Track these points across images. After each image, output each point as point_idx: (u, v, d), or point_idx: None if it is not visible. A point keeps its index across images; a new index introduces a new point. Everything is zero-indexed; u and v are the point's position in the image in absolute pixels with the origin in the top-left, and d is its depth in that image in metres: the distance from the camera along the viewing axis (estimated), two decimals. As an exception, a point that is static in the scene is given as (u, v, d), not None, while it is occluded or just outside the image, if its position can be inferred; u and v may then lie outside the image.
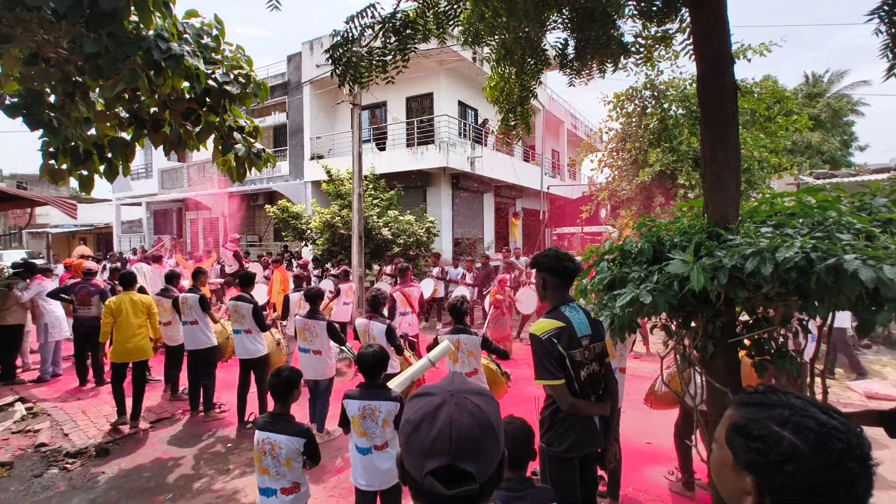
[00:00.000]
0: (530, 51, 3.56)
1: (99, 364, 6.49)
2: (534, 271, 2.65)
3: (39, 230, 25.10)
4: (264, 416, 2.72)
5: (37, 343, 6.93)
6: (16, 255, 16.98)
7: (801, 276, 1.76)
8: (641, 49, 3.75)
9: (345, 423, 2.83)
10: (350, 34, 3.04)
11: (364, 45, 3.21)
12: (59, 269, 9.20)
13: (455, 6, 3.23)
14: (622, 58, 3.65)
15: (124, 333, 5.11)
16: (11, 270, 6.94)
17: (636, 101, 9.66)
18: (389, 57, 3.20)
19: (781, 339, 2.23)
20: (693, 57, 2.71)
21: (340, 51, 3.10)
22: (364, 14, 2.96)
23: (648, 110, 9.54)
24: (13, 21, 4.02)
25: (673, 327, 2.40)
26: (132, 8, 3.90)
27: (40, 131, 4.33)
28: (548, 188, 19.10)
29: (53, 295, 6.51)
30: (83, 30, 3.85)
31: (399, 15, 3.15)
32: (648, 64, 4.23)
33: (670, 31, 3.43)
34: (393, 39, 3.16)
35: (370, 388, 2.79)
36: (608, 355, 2.39)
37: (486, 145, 15.46)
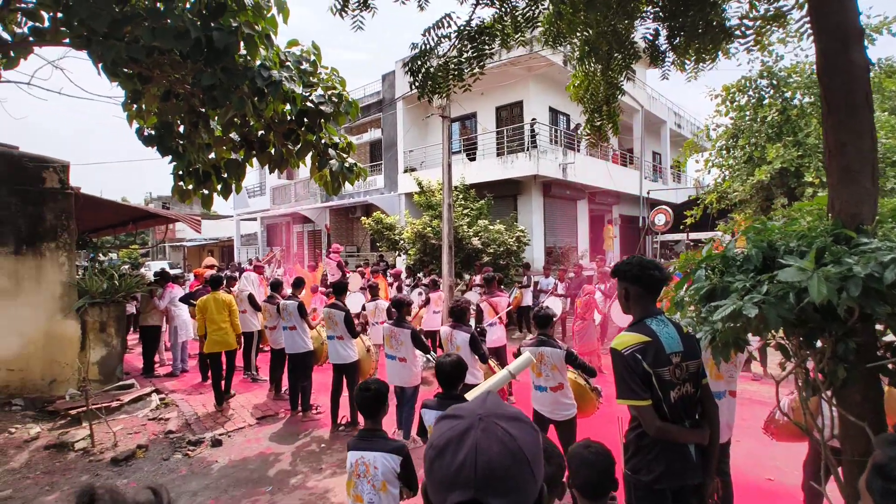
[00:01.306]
0: (617, 45, 3.33)
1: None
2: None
3: (178, 243, 29.09)
4: (355, 436, 2.57)
5: (169, 342, 7.96)
6: (159, 266, 19.83)
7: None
8: (749, 32, 3.33)
9: (422, 431, 2.81)
10: (427, 45, 3.09)
11: (442, 55, 3.24)
12: (191, 277, 10.51)
13: (533, 8, 3.14)
14: (725, 44, 3.27)
15: (211, 327, 6.01)
16: (154, 278, 8.09)
17: (750, 93, 8.67)
18: (465, 65, 3.18)
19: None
20: (810, 37, 2.34)
21: (419, 63, 3.16)
22: (440, 24, 3.00)
23: (766, 101, 8.52)
24: (151, 64, 4.69)
25: (791, 347, 2.05)
26: (241, 43, 4.36)
27: (169, 157, 4.98)
28: (648, 193, 17.87)
29: (184, 300, 7.48)
30: (202, 66, 4.37)
31: (474, 22, 3.13)
32: (759, 49, 3.75)
33: (784, 9, 3.00)
34: (468, 47, 3.15)
35: (447, 398, 2.75)
36: (705, 376, 2.10)
37: (578, 150, 14.91)
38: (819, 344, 2.00)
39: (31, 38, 4.51)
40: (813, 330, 1.94)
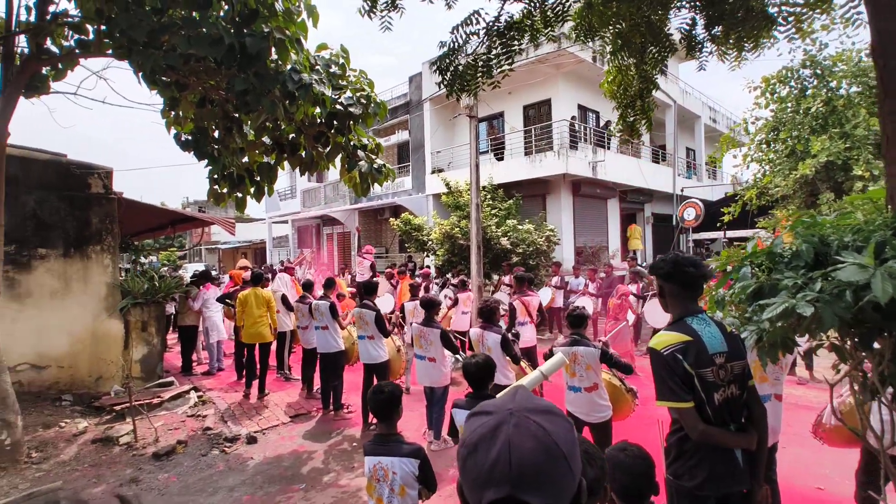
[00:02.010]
0: (652, 37, 3.22)
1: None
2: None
3: (213, 246, 30.06)
4: (371, 441, 2.54)
5: (205, 342, 8.21)
6: (194, 267, 20.58)
7: None
8: (790, 18, 3.17)
9: (454, 431, 2.79)
10: (455, 43, 3.06)
11: (470, 52, 3.21)
12: (226, 278, 10.81)
13: (563, 1, 3.07)
14: (766, 31, 3.12)
15: (249, 320, 6.43)
16: (190, 279, 8.35)
17: (792, 83, 8.28)
18: (494, 61, 3.14)
19: None
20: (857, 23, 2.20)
21: (447, 61, 3.14)
22: (469, 21, 2.97)
23: (809, 92, 8.11)
24: (188, 72, 4.84)
25: (846, 348, 1.92)
26: (272, 48, 4.44)
27: (205, 161, 5.12)
28: (681, 190, 17.36)
29: (220, 300, 7.68)
30: (236, 72, 4.48)
31: (503, 18, 3.09)
32: (801, 36, 3.56)
33: (829, -7, 2.84)
34: (497, 43, 3.11)
35: (478, 398, 2.72)
36: (751, 377, 1.99)
37: (608, 148, 14.61)
38: (877, 345, 1.87)
39: (77, 50, 4.73)
40: (871, 330, 1.82)
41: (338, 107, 5.06)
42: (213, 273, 12.30)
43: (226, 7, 4.44)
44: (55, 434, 5.21)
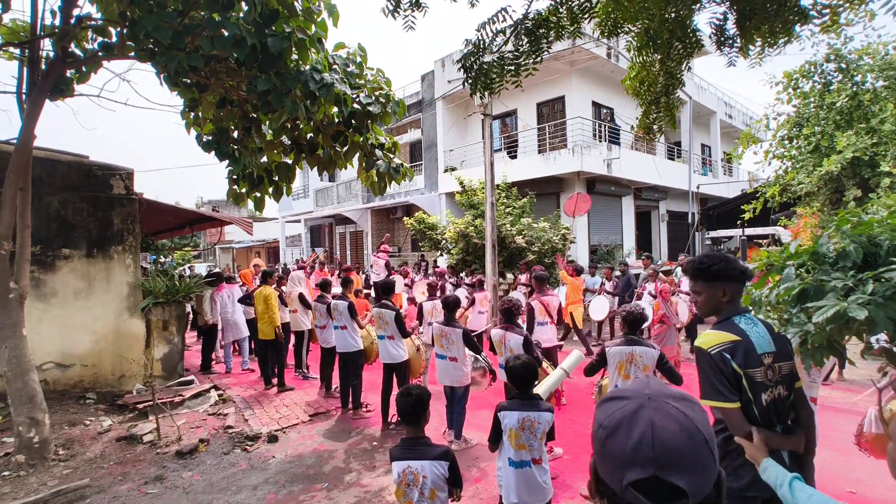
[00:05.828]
0: (680, 32, 3.16)
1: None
2: (681, 281, 2.27)
3: (227, 245, 30.37)
4: (398, 445, 2.50)
5: (223, 342, 8.26)
6: (203, 267, 20.85)
7: None
8: (825, 11, 3.09)
9: (496, 437, 2.76)
10: (481, 41, 3.03)
11: (495, 51, 3.17)
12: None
13: (590, -3, 3.02)
14: (799, 25, 3.05)
15: (258, 317, 6.88)
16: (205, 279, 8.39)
17: (815, 78, 8.10)
18: (522, 60, 3.10)
19: None
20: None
21: (472, 59, 3.11)
22: (495, 19, 2.93)
23: (833, 86, 7.93)
24: (208, 73, 4.87)
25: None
26: (293, 48, 4.45)
27: (225, 162, 5.14)
28: (697, 187, 17.14)
29: (242, 301, 7.69)
30: (257, 72, 4.49)
31: (531, 15, 3.05)
32: (835, 28, 3.47)
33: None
34: (525, 41, 3.07)
35: (526, 398, 2.73)
36: (798, 378, 1.94)
37: (620, 145, 14.47)
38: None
39: (100, 53, 4.77)
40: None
41: (356, 106, 5.06)
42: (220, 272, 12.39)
43: (245, 7, 4.46)
44: (81, 432, 5.29)
